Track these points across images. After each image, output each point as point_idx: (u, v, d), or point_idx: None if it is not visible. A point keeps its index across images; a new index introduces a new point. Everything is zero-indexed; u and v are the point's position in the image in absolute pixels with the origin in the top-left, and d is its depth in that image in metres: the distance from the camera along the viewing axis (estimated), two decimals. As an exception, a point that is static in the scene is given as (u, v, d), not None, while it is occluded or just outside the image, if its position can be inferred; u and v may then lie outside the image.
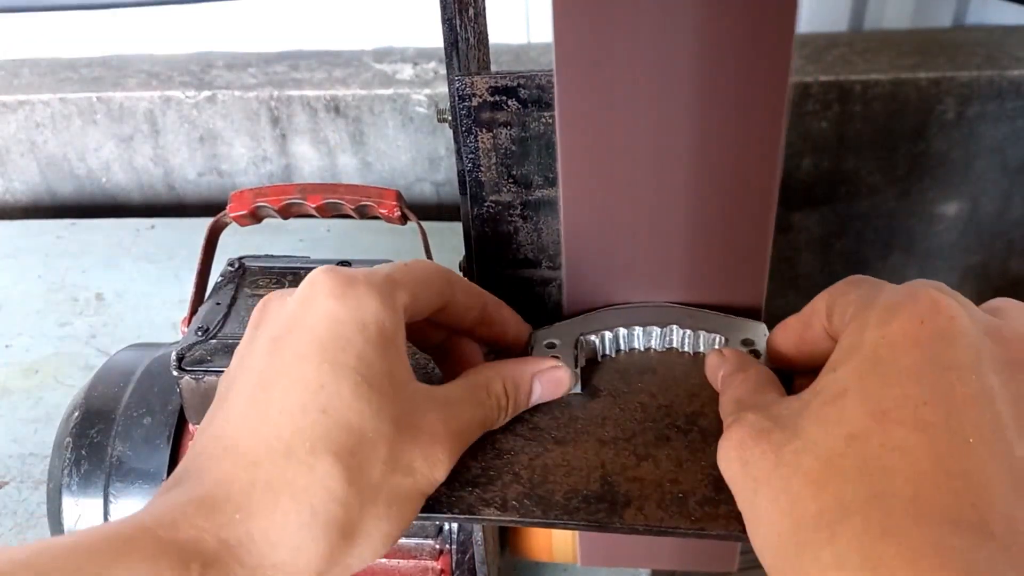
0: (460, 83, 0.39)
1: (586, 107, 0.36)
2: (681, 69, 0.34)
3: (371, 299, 0.31)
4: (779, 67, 0.34)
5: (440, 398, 0.33)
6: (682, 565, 0.48)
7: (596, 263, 0.41)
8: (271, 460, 0.29)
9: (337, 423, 0.30)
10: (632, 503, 0.33)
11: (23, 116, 1.00)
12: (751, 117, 0.35)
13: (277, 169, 1.01)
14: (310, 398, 0.30)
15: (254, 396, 0.31)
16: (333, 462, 0.29)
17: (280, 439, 0.29)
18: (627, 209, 0.39)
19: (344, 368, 0.30)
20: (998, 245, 0.95)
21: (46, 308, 0.85)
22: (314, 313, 0.31)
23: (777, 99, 0.35)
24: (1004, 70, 0.86)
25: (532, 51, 0.99)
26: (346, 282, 0.31)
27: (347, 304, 0.31)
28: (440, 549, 0.47)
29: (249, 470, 0.29)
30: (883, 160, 0.91)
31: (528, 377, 0.36)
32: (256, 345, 0.33)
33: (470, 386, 0.35)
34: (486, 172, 0.41)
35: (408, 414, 0.31)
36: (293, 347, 0.31)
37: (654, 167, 0.37)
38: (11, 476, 0.67)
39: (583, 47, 0.34)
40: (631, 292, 0.41)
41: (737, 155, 0.36)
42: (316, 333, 0.31)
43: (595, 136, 0.37)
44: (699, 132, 0.36)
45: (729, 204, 0.38)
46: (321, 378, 0.30)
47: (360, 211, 0.48)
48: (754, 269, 0.39)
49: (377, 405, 0.30)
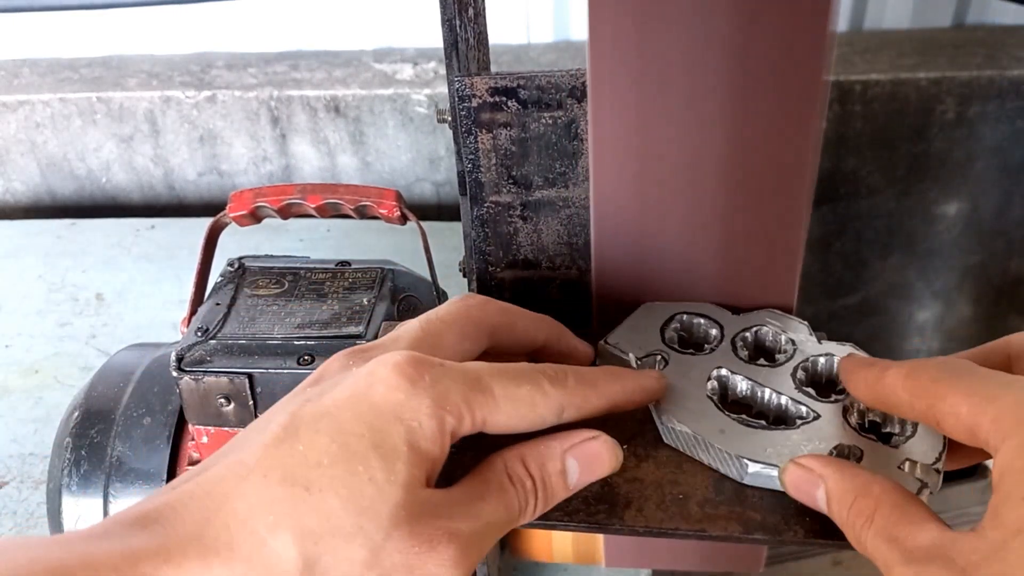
0: (460, 83, 0.39)
1: (619, 105, 0.36)
2: (715, 66, 0.34)
3: (422, 400, 0.29)
4: (814, 65, 0.34)
5: (451, 502, 0.29)
6: (710, 566, 0.47)
7: (627, 262, 0.40)
8: (223, 520, 0.27)
9: (315, 507, 0.27)
10: (632, 504, 0.33)
11: (23, 116, 1.00)
12: (785, 115, 0.35)
13: (277, 169, 1.01)
14: (301, 471, 0.28)
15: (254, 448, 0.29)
16: (290, 543, 0.27)
17: (247, 503, 0.27)
18: (659, 207, 0.38)
19: (353, 454, 0.28)
20: (998, 245, 0.95)
21: (46, 308, 0.85)
22: (357, 389, 0.29)
23: (812, 97, 0.34)
24: (1004, 70, 0.86)
25: (532, 51, 0.99)
26: (411, 378, 0.29)
27: (393, 397, 0.29)
28: (440, 549, 0.47)
29: (200, 525, 0.27)
30: (883, 160, 0.91)
31: (558, 454, 0.31)
32: (292, 403, 0.30)
33: (486, 480, 0.31)
34: (486, 173, 0.41)
35: (407, 522, 0.28)
36: (316, 413, 0.29)
37: (687, 165, 0.37)
38: (11, 476, 0.67)
39: (617, 44, 0.34)
40: (662, 292, 0.41)
41: (771, 153, 0.36)
42: (347, 412, 0.29)
43: (628, 134, 0.37)
44: (733, 129, 0.36)
45: (762, 202, 0.37)
46: (322, 455, 0.28)
47: (360, 211, 0.48)
48: (786, 269, 0.39)
49: (369, 502, 0.27)
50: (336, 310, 0.45)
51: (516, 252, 0.43)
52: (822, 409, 0.35)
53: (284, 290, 0.47)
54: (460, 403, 0.29)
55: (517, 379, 0.31)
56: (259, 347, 0.43)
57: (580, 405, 0.32)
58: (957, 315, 0.99)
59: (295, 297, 0.47)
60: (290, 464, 0.28)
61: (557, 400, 0.31)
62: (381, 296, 0.46)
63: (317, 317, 0.45)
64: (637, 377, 0.35)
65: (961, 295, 0.98)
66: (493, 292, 0.44)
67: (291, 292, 0.47)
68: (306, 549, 0.27)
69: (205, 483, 0.28)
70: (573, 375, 0.32)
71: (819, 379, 0.38)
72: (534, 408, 0.31)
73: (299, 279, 0.48)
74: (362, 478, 0.27)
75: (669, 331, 0.39)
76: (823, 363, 0.37)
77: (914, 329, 1.00)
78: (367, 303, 0.46)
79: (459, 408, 0.29)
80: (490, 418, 0.30)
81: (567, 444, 0.32)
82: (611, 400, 0.33)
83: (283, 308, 0.46)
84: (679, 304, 0.40)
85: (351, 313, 0.45)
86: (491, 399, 0.30)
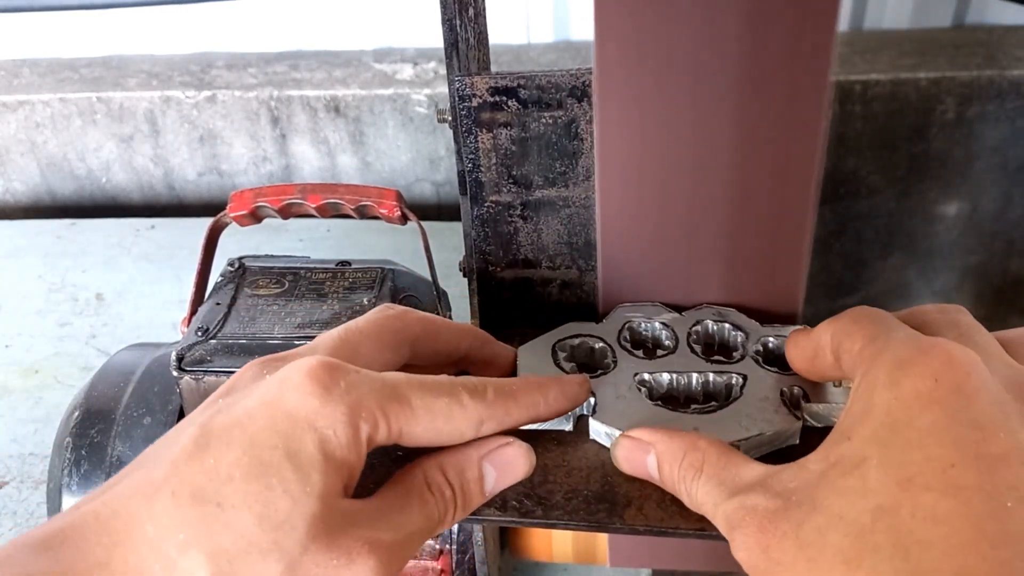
0: (460, 83, 0.39)
1: (625, 105, 0.36)
2: (721, 67, 0.34)
3: (337, 407, 0.28)
4: (821, 64, 0.34)
5: (370, 512, 0.29)
6: (715, 566, 0.47)
7: (632, 263, 0.40)
8: (132, 544, 0.26)
9: (227, 524, 0.26)
10: (632, 503, 0.33)
11: (23, 116, 1.00)
12: (792, 115, 0.35)
13: (277, 169, 1.01)
14: (212, 487, 0.27)
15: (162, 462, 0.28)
16: (202, 564, 0.26)
17: (156, 524, 0.26)
18: (664, 208, 0.38)
19: (266, 466, 0.27)
20: (998, 245, 0.95)
21: (46, 308, 0.85)
22: (268, 399, 0.28)
23: (818, 96, 0.34)
24: (1004, 70, 0.86)
25: (532, 51, 0.99)
26: (325, 385, 0.28)
27: (307, 405, 0.28)
28: (440, 549, 0.47)
29: (108, 549, 0.26)
30: (883, 160, 0.90)
31: (475, 461, 0.32)
32: (202, 414, 0.30)
33: (406, 489, 0.30)
34: (486, 172, 0.41)
35: (325, 534, 0.27)
36: (227, 424, 0.28)
37: (693, 164, 0.37)
38: (11, 476, 0.67)
39: (624, 43, 0.34)
40: (667, 293, 0.41)
41: (778, 152, 0.36)
42: (259, 422, 0.28)
43: (633, 134, 0.37)
44: (738, 131, 0.36)
45: (768, 202, 0.38)
46: (234, 468, 0.27)
47: (360, 211, 0.48)
48: (791, 270, 0.39)
49: (285, 516, 0.27)
50: (336, 310, 0.45)
51: (516, 252, 0.43)
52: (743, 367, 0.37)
53: (284, 290, 0.47)
54: (376, 411, 0.29)
55: (435, 391, 0.30)
56: (259, 347, 0.43)
57: (501, 418, 0.31)
58: (957, 315, 0.99)
59: (295, 297, 0.47)
60: (201, 480, 0.27)
61: (476, 413, 0.31)
62: (381, 296, 0.46)
63: (317, 317, 0.45)
64: (560, 384, 0.34)
65: (961, 295, 0.98)
66: (493, 292, 0.44)
67: (291, 292, 0.47)
68: (219, 569, 0.26)
69: (112, 502, 0.27)
70: (493, 388, 0.31)
71: (712, 342, 0.40)
72: (451, 420, 0.30)
73: (299, 279, 0.48)
74: (276, 491, 0.27)
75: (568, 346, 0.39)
76: (713, 327, 0.40)
77: (914, 329, 1.00)
78: (367, 303, 0.46)
79: (375, 416, 0.28)
80: (407, 429, 0.29)
81: (483, 451, 0.32)
82: (533, 410, 0.32)
83: (283, 308, 0.46)
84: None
85: (351, 313, 0.45)
86: (408, 409, 0.29)
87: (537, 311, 0.44)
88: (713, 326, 0.40)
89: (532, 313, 0.44)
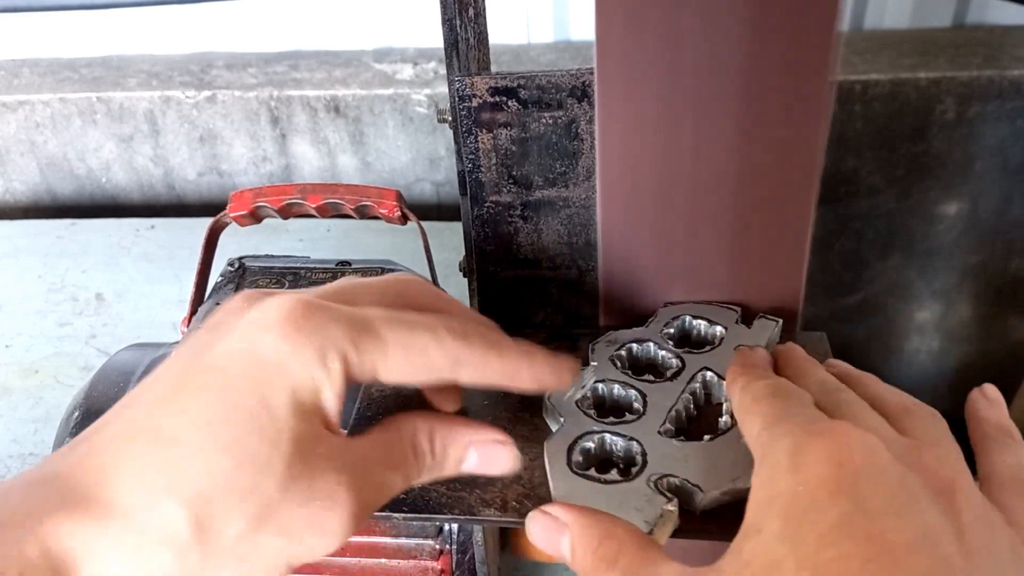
0: (460, 83, 0.39)
1: (626, 105, 0.36)
2: (722, 67, 0.34)
3: (308, 349, 0.28)
4: (822, 64, 0.34)
5: (352, 457, 0.29)
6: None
7: (632, 263, 0.41)
8: (118, 482, 0.27)
9: (206, 467, 0.27)
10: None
11: (23, 116, 1.00)
12: (794, 115, 0.35)
13: (277, 169, 1.01)
14: (191, 430, 0.27)
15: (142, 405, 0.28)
16: (180, 505, 0.26)
17: (138, 464, 0.27)
18: (664, 208, 0.38)
19: (242, 411, 0.27)
20: (998, 245, 0.95)
21: (46, 308, 0.85)
22: (244, 342, 0.28)
23: (820, 97, 0.35)
24: (1004, 70, 0.86)
25: (532, 51, 0.99)
26: (298, 326, 0.28)
27: (280, 348, 0.28)
28: (440, 549, 0.47)
29: (98, 486, 0.27)
30: (883, 160, 0.90)
31: (464, 442, 0.32)
32: (183, 354, 0.30)
33: (390, 441, 0.31)
34: (486, 172, 0.41)
35: (305, 475, 0.28)
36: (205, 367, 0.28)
37: (693, 166, 0.37)
38: (11, 476, 0.67)
39: (625, 44, 0.34)
40: (668, 293, 0.41)
41: (778, 152, 0.36)
42: (234, 367, 0.28)
43: (634, 134, 0.37)
44: (738, 131, 0.36)
45: (767, 203, 0.38)
46: (212, 412, 0.27)
47: (360, 211, 0.48)
48: (791, 270, 0.39)
49: (265, 459, 0.27)
50: (336, 310, 0.45)
51: (516, 252, 0.43)
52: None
53: (284, 290, 0.47)
54: (348, 346, 0.28)
55: (411, 326, 0.30)
56: (259, 347, 0.43)
57: (479, 365, 0.31)
58: (957, 315, 0.99)
59: (295, 297, 0.47)
60: (180, 423, 0.27)
61: (454, 351, 0.30)
62: (381, 296, 0.46)
63: (317, 317, 0.45)
64: (552, 360, 0.33)
65: (961, 295, 0.98)
66: (493, 292, 0.44)
67: (291, 292, 0.47)
68: (198, 510, 0.26)
69: (99, 443, 0.28)
70: (478, 335, 0.31)
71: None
72: (425, 354, 0.30)
73: (299, 279, 0.48)
74: (253, 436, 0.27)
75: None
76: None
77: (914, 329, 1.00)
78: (367, 303, 0.46)
79: (346, 352, 0.28)
80: (380, 364, 0.29)
81: (476, 437, 0.32)
82: (515, 371, 0.32)
83: (283, 308, 0.46)
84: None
85: (351, 313, 0.45)
86: (379, 343, 0.29)
87: (537, 311, 0.44)
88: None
89: (532, 313, 0.44)
